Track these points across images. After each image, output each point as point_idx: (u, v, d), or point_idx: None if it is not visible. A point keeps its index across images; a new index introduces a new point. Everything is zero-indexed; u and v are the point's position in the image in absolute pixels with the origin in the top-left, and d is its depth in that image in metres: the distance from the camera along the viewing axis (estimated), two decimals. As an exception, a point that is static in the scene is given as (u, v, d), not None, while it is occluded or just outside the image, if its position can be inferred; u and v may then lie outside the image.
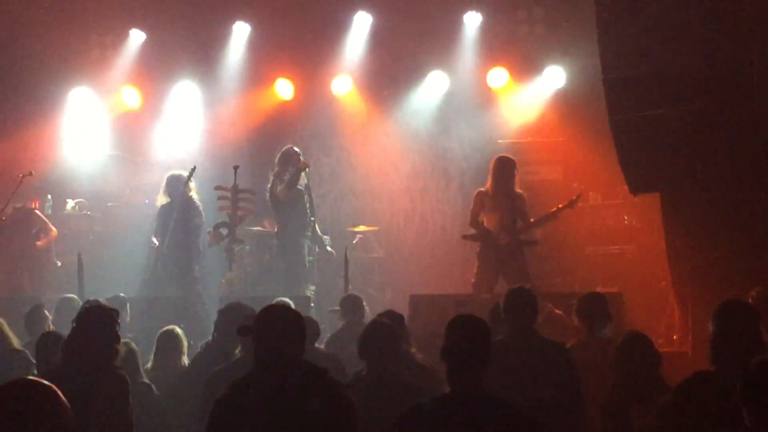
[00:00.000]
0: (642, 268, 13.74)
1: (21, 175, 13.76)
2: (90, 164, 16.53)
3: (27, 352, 8.73)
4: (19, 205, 14.40)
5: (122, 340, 6.93)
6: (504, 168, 12.77)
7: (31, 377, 4.33)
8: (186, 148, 16.56)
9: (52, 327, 9.72)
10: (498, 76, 16.19)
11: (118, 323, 6.78)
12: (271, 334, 5.36)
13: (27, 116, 16.40)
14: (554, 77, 16.00)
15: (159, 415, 7.68)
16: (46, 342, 7.81)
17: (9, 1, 15.86)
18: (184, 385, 8.22)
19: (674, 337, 11.60)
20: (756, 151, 9.78)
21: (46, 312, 10.20)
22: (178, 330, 9.02)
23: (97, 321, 6.70)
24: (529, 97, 16.17)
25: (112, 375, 6.60)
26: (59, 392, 4.11)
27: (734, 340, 5.84)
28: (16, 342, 8.94)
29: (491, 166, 12.92)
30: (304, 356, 5.42)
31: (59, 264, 14.21)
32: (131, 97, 16.90)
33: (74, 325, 6.79)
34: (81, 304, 10.03)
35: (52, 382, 4.19)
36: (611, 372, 7.20)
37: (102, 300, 9.03)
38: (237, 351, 7.82)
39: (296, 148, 13.64)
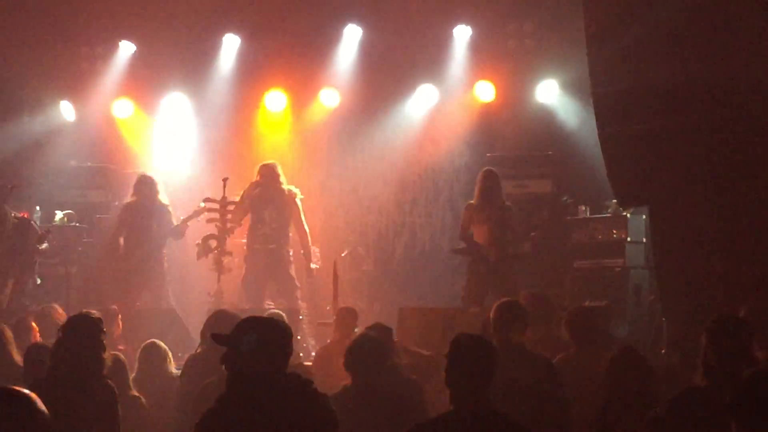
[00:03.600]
0: (631, 282, 13.73)
1: (10, 186, 13.70)
2: (79, 175, 16.49)
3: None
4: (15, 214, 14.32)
5: (112, 352, 6.91)
6: (489, 181, 12.82)
7: (6, 386, 4.29)
8: (176, 160, 16.56)
9: (38, 338, 9.65)
10: (486, 90, 16.21)
11: (104, 332, 6.75)
12: (248, 346, 5.26)
13: (15, 126, 16.37)
14: (544, 91, 16.02)
15: (147, 427, 7.66)
16: (35, 354, 7.77)
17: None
18: (172, 398, 8.22)
19: (662, 350, 11.62)
20: (745, 165, 9.80)
21: (32, 323, 10.11)
22: (159, 342, 9.03)
23: (83, 329, 6.65)
24: (518, 110, 16.18)
25: (100, 385, 6.57)
26: (37, 400, 4.09)
27: (726, 355, 5.84)
28: (17, 355, 8.72)
29: (478, 179, 12.98)
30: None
31: (39, 282, 14.11)
32: (123, 108, 16.87)
33: (60, 333, 6.75)
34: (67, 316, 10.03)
35: (37, 392, 4.16)
36: (600, 385, 7.20)
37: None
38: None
39: (269, 165, 13.49)
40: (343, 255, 15.56)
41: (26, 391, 4.15)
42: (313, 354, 11.64)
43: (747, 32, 9.53)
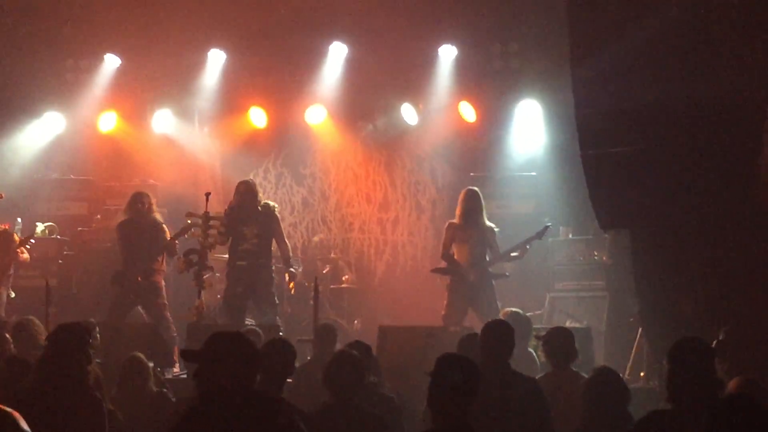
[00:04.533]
0: (611, 304, 13.75)
1: (-10, 198, 13.67)
2: (60, 188, 16.47)
3: None
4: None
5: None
6: (471, 200, 12.86)
7: None
8: (159, 174, 16.54)
9: (13, 350, 9.57)
10: (468, 110, 16.25)
11: (91, 343, 6.71)
12: (217, 362, 5.26)
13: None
14: (527, 111, 16.08)
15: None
16: (11, 367, 7.71)
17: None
18: (151, 413, 8.18)
19: (641, 373, 11.63)
20: (727, 188, 9.81)
21: (7, 335, 10.03)
22: (141, 356, 8.97)
23: (70, 339, 6.59)
24: (501, 130, 16.22)
25: (88, 398, 6.50)
26: (20, 419, 4.05)
27: (689, 378, 5.86)
28: None
29: (460, 198, 13.02)
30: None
31: (13, 295, 14.02)
32: (107, 121, 16.85)
33: (46, 343, 6.70)
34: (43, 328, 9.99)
35: (22, 405, 4.12)
36: (578, 407, 7.20)
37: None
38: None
39: (246, 182, 13.45)
40: (324, 272, 15.57)
41: (8, 409, 4.10)
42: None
43: (728, 52, 9.56)
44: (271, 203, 13.34)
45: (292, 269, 13.19)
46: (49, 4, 15.75)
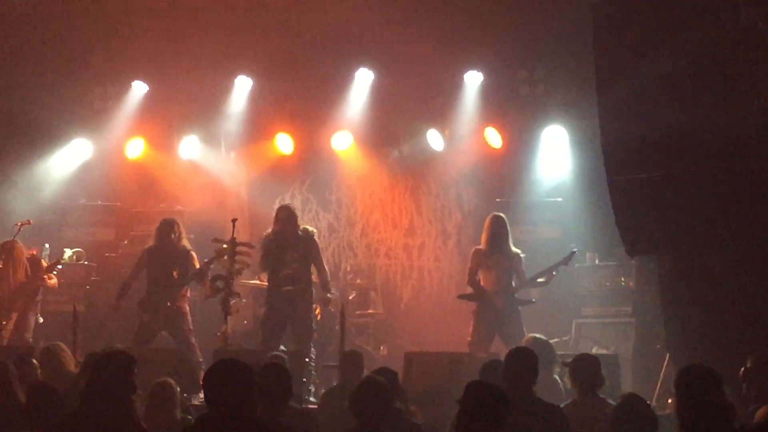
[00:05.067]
0: (638, 330, 13.69)
1: (19, 224, 13.73)
2: (88, 213, 16.56)
3: None
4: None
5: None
6: (497, 226, 12.84)
7: None
8: (184, 199, 16.61)
9: (39, 376, 9.58)
10: (494, 136, 16.25)
11: (135, 372, 6.69)
12: (220, 389, 5.42)
13: (26, 164, 16.46)
14: (553, 137, 16.07)
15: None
16: (39, 394, 7.71)
17: (13, 49, 15.95)
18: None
19: (669, 400, 11.56)
20: (754, 213, 9.77)
21: (34, 361, 10.05)
22: (172, 382, 8.94)
23: (116, 368, 6.57)
24: (527, 156, 16.21)
25: (134, 428, 6.47)
26: None
27: (698, 406, 5.84)
28: (20, 393, 8.46)
29: (485, 224, 13.00)
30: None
31: (41, 320, 14.07)
32: (135, 147, 16.94)
33: (91, 371, 6.68)
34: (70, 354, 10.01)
35: None
36: (604, 433, 7.17)
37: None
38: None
39: (286, 207, 13.44)
40: (351, 298, 15.57)
41: None
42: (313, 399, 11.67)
43: (753, 78, 9.54)
44: (310, 228, 13.30)
45: (329, 294, 13.15)
46: (77, 32, 15.87)
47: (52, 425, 6.31)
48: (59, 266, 14.10)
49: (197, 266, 13.25)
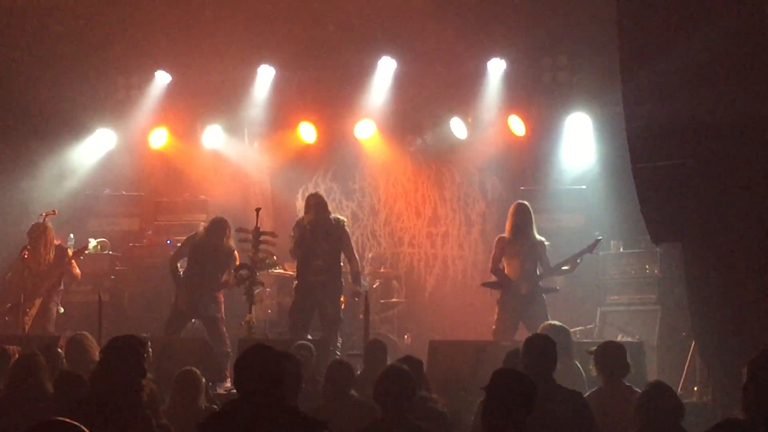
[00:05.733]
0: (663, 318, 13.63)
1: (44, 214, 13.78)
2: (112, 204, 16.60)
3: None
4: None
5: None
6: (521, 214, 12.80)
7: (59, 418, 4.29)
8: (209, 189, 16.64)
9: (65, 365, 9.61)
10: (518, 123, 16.21)
11: (145, 357, 6.71)
12: (245, 374, 5.52)
13: (51, 155, 16.52)
14: (577, 124, 16.01)
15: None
16: (66, 382, 7.75)
17: (36, 40, 16.00)
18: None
19: (695, 388, 11.52)
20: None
21: (60, 350, 10.08)
22: (197, 370, 8.96)
23: (124, 352, 6.60)
24: (551, 144, 16.16)
25: (139, 413, 6.50)
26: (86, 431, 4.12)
27: (765, 390, 5.82)
28: (48, 382, 8.46)
29: (509, 212, 12.95)
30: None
31: (62, 311, 14.10)
32: (158, 137, 16.98)
33: (101, 356, 6.71)
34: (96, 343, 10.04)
35: (75, 416, 4.18)
36: (629, 421, 7.15)
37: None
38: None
39: (316, 195, 13.38)
40: (374, 286, 15.56)
41: (76, 423, 4.16)
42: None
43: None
44: (341, 217, 13.28)
45: (359, 287, 13.11)
46: (100, 22, 15.89)
47: (65, 408, 6.34)
48: (85, 252, 14.13)
49: (237, 263, 13.14)
